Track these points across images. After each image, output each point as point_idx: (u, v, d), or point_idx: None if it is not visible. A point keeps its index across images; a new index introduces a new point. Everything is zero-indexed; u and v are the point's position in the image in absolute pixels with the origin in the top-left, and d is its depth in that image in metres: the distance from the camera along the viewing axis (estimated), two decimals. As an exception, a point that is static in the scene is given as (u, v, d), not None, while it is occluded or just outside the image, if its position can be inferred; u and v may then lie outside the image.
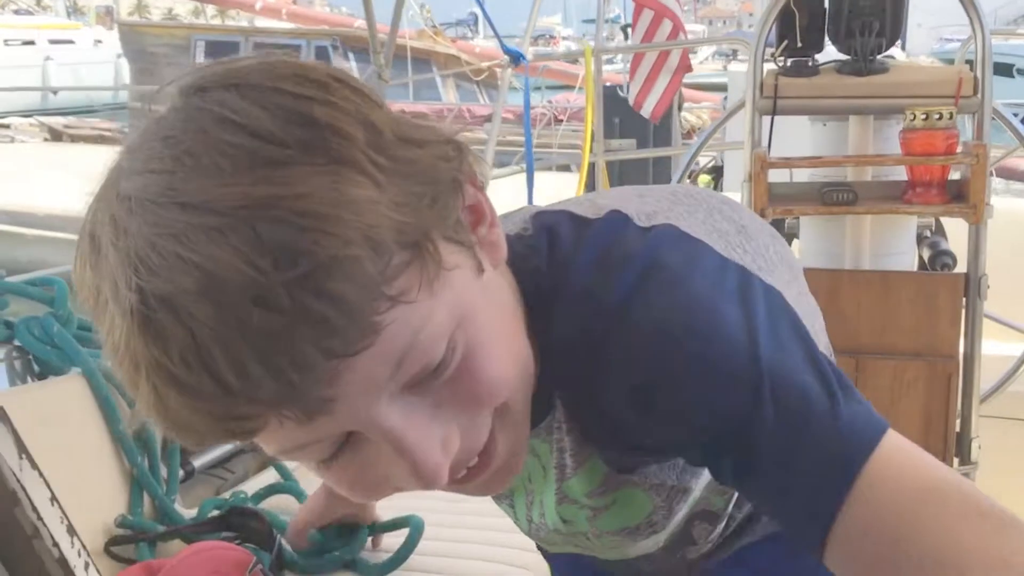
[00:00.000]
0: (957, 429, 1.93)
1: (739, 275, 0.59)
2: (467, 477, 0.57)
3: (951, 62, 2.77)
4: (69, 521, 1.10)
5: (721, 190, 5.98)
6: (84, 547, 1.10)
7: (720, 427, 0.56)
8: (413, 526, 1.27)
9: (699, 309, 0.56)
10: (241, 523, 1.22)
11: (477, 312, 0.53)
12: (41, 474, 1.08)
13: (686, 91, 12.10)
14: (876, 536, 0.52)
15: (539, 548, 0.90)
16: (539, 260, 0.60)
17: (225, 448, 2.56)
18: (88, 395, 1.30)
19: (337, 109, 0.48)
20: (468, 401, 0.54)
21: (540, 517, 0.74)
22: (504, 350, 0.55)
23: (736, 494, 0.77)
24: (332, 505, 1.27)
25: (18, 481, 1.04)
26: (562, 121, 11.69)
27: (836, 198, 1.85)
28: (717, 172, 5.85)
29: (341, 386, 0.47)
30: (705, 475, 0.71)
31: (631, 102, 4.73)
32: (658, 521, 0.72)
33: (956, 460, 1.94)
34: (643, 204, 0.64)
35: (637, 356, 0.56)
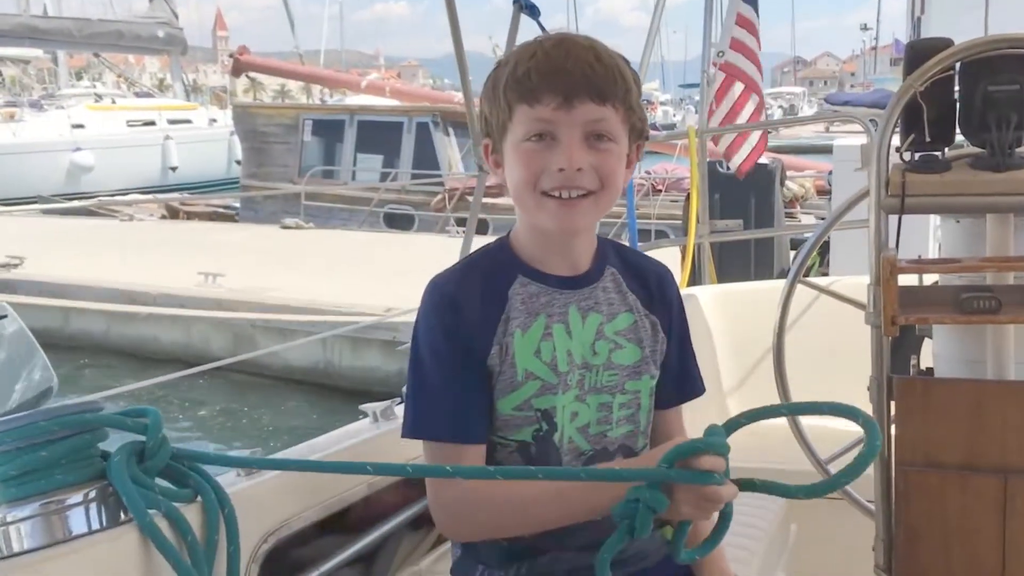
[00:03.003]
0: (1125, 558, 1.72)
1: None
2: (566, 202, 1.27)
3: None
4: None
5: (827, 268, 5.71)
6: None
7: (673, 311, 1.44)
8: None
9: None
10: None
11: (622, 158, 1.31)
12: None
13: (787, 159, 11.79)
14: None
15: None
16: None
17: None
18: (143, 552, 1.17)
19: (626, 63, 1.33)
20: (595, 165, 1.26)
21: (571, 357, 1.32)
22: (620, 175, 1.30)
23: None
24: None
25: None
26: (660, 191, 11.57)
27: (977, 306, 1.70)
28: (823, 247, 5.59)
29: (582, 105, 1.24)
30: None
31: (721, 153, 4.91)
32: (642, 370, 1.36)
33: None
34: None
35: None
